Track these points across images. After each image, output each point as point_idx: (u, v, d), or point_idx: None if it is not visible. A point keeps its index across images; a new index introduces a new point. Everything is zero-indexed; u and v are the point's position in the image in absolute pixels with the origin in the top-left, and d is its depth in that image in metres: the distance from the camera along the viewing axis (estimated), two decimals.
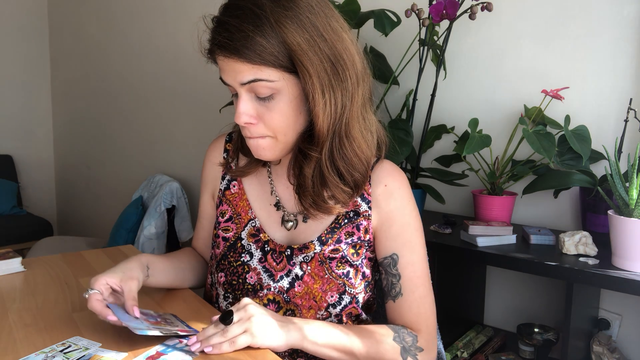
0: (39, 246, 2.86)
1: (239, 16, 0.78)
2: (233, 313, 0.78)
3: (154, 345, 0.78)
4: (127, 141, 3.25)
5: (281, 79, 0.81)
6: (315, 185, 0.87)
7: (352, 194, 0.90)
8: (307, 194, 0.88)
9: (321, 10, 0.82)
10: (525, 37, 1.50)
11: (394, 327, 0.90)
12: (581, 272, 1.11)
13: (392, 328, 0.90)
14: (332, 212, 0.90)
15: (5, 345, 0.78)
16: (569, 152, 1.34)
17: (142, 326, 0.77)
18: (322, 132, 0.84)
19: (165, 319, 0.85)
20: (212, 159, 1.04)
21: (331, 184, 0.87)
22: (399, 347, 0.88)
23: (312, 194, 0.88)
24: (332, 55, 0.82)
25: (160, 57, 2.86)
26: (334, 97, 0.83)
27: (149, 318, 0.82)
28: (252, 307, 0.79)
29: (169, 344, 0.78)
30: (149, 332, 0.76)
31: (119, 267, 0.87)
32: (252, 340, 0.76)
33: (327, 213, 0.90)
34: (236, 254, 0.94)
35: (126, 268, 0.87)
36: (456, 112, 1.65)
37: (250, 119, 0.84)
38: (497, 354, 1.45)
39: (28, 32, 3.96)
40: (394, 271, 0.92)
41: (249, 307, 0.79)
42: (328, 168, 0.86)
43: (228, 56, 0.80)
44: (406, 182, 0.95)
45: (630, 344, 1.37)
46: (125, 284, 0.83)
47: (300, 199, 0.90)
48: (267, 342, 0.77)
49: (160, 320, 0.83)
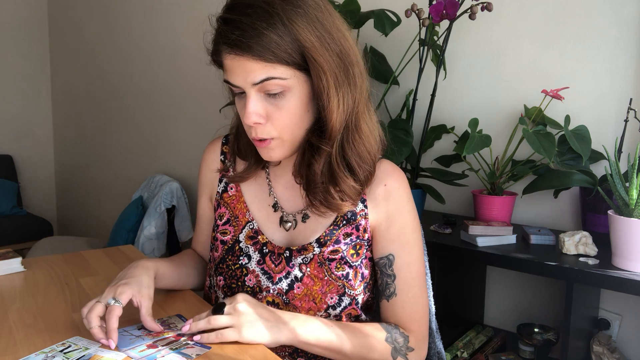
0: (39, 246, 2.86)
1: (250, 14, 0.78)
2: (225, 306, 0.80)
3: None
4: (127, 141, 3.25)
5: (293, 76, 0.81)
6: (325, 182, 0.88)
7: (360, 191, 0.90)
8: (317, 189, 0.88)
9: (326, 9, 0.84)
10: (525, 37, 1.50)
11: (386, 326, 0.91)
12: (581, 272, 1.11)
13: (384, 328, 0.90)
14: (340, 209, 0.89)
15: (5, 345, 0.78)
16: (569, 152, 1.34)
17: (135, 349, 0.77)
18: (335, 128, 0.84)
19: (169, 324, 0.85)
20: (209, 162, 1.04)
21: (340, 179, 0.87)
22: (390, 347, 0.89)
23: (322, 190, 0.88)
24: (340, 52, 0.83)
25: (160, 57, 2.86)
26: (347, 93, 0.84)
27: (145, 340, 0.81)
28: (243, 305, 0.80)
29: (155, 356, 0.77)
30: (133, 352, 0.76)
31: (141, 280, 0.84)
32: (238, 337, 0.77)
33: (335, 210, 0.90)
34: (234, 257, 0.94)
35: (148, 285, 0.85)
36: (456, 112, 1.65)
37: (259, 118, 0.83)
38: (497, 354, 1.45)
39: (28, 32, 3.96)
40: (390, 271, 0.92)
41: (239, 305, 0.80)
42: (338, 162, 0.87)
43: (240, 54, 0.79)
44: (406, 183, 0.95)
45: (630, 344, 1.37)
46: (145, 301, 0.82)
47: (308, 196, 0.90)
48: (252, 340, 0.78)
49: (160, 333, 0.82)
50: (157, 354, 0.75)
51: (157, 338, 0.80)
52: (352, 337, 0.86)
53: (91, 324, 0.77)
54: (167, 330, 0.83)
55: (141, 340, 0.79)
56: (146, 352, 0.76)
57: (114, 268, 1.15)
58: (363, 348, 0.87)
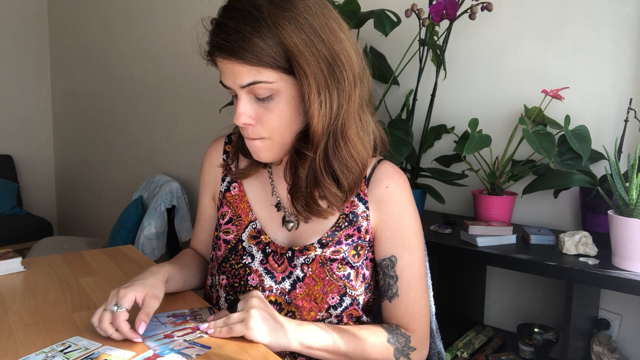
0: (39, 246, 2.86)
1: (237, 18, 0.78)
2: (239, 301, 0.82)
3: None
4: (127, 141, 3.25)
5: (279, 80, 0.81)
6: (309, 186, 0.88)
7: (344, 199, 0.90)
8: (299, 194, 0.89)
9: (319, 11, 0.82)
10: (525, 37, 1.50)
11: (388, 327, 0.91)
12: (581, 272, 1.11)
13: (386, 329, 0.91)
14: (323, 216, 0.90)
15: (5, 345, 0.78)
16: (569, 152, 1.34)
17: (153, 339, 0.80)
18: (316, 132, 0.84)
19: (195, 315, 0.89)
20: (212, 161, 1.04)
21: (323, 186, 0.87)
22: (393, 348, 0.89)
23: (305, 194, 0.88)
24: (330, 55, 0.82)
25: (160, 56, 2.86)
26: (330, 98, 0.83)
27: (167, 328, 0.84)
28: (256, 300, 0.81)
29: (168, 346, 0.78)
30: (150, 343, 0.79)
31: (146, 281, 0.85)
32: (246, 332, 0.78)
33: (318, 216, 0.90)
34: (237, 256, 0.94)
35: (152, 285, 0.86)
36: (456, 112, 1.65)
37: (249, 119, 0.84)
38: (497, 354, 1.45)
39: (28, 32, 3.96)
40: (392, 273, 0.92)
41: (252, 300, 0.81)
42: (322, 169, 0.86)
43: (226, 58, 0.80)
44: (407, 184, 0.95)
45: (630, 344, 1.37)
46: (149, 301, 0.82)
47: (292, 200, 0.90)
48: (258, 337, 0.78)
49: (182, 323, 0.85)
50: (170, 344, 0.78)
51: (178, 328, 0.84)
52: (355, 339, 0.87)
53: (108, 333, 0.79)
54: (191, 320, 0.87)
55: (163, 327, 0.84)
56: (161, 341, 0.79)
57: (114, 268, 1.15)
58: (366, 350, 0.87)
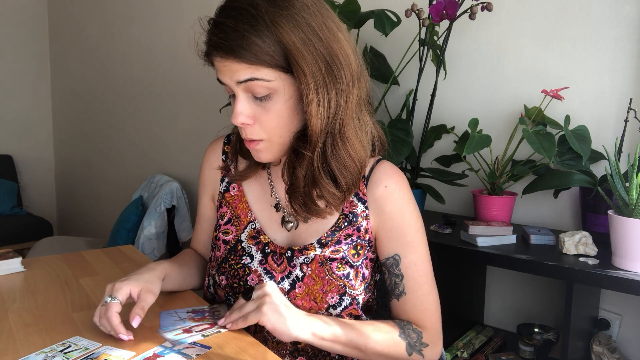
0: (39, 246, 2.86)
1: (235, 17, 0.79)
2: (252, 290, 0.83)
3: (152, 347, 0.78)
4: (127, 141, 3.25)
5: (277, 78, 0.81)
6: (307, 186, 0.88)
7: (342, 199, 0.90)
8: (297, 194, 0.89)
9: (317, 10, 0.83)
10: (525, 37, 1.50)
11: (399, 322, 0.92)
12: (581, 272, 1.11)
13: (397, 324, 0.91)
14: (321, 216, 0.90)
15: (5, 345, 0.78)
16: (569, 152, 1.34)
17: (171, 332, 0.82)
18: (315, 132, 0.84)
19: (213, 312, 0.90)
20: (211, 162, 1.04)
21: (321, 186, 0.87)
22: (405, 342, 0.89)
23: (303, 194, 0.88)
24: (328, 54, 0.82)
25: (160, 56, 2.86)
26: (328, 97, 0.83)
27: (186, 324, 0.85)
28: (270, 288, 0.83)
29: (167, 346, 0.78)
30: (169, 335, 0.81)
31: (142, 276, 0.87)
32: (261, 318, 0.79)
33: (316, 216, 0.90)
34: (237, 256, 0.94)
35: (148, 280, 0.86)
36: (456, 112, 1.65)
37: (247, 119, 0.84)
38: (497, 354, 1.45)
39: (28, 32, 3.96)
40: (397, 271, 0.93)
41: (266, 287, 0.82)
42: (320, 169, 0.86)
43: (224, 57, 0.80)
44: (406, 183, 0.95)
45: (630, 344, 1.37)
46: (145, 295, 0.83)
47: (290, 200, 0.90)
48: (273, 324, 0.79)
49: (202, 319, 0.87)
50: (187, 339, 0.80)
51: (197, 323, 0.85)
52: (367, 331, 0.87)
53: (107, 328, 0.80)
54: (209, 316, 0.88)
55: (182, 323, 0.85)
56: (180, 336, 0.81)
57: (113, 268, 1.15)
58: (378, 343, 0.87)
